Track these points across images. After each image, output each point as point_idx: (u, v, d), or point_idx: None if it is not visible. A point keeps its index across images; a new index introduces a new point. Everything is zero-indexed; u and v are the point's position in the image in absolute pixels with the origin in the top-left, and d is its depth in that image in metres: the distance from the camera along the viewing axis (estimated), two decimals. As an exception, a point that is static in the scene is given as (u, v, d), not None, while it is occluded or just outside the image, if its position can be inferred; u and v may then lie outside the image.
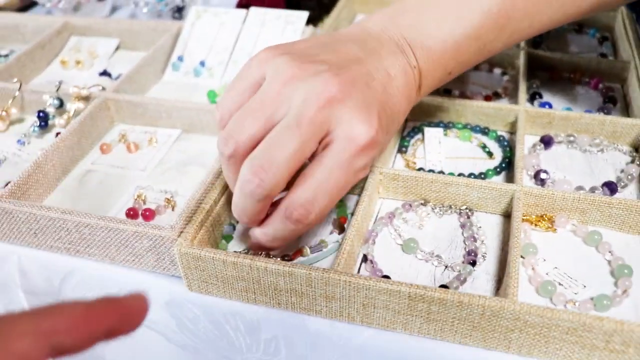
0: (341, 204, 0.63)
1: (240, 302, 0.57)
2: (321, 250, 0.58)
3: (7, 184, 0.65)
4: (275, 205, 0.52)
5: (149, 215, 0.64)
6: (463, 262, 0.57)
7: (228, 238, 0.61)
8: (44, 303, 0.65)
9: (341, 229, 0.61)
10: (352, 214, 0.59)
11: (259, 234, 0.53)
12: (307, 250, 0.59)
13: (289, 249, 0.59)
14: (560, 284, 0.55)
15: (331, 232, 0.61)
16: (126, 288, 0.61)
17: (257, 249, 0.56)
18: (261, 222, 0.53)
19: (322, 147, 0.50)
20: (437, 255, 0.58)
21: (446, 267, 0.57)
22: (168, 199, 0.65)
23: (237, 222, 0.63)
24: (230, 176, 0.54)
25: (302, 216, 0.49)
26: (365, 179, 0.63)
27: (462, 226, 0.61)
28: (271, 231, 0.52)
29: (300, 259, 0.58)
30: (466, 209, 0.62)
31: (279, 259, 0.56)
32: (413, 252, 0.59)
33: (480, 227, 0.61)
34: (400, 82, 0.55)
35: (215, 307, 0.58)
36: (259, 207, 0.51)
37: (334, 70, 0.50)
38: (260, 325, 0.57)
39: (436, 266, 0.58)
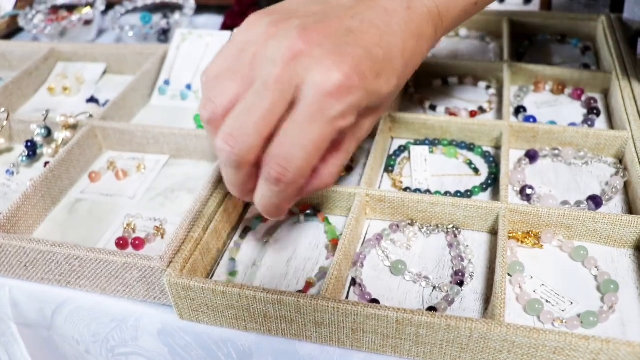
0: (330, 227, 0.64)
1: (231, 330, 0.57)
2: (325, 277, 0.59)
3: (-4, 217, 0.66)
4: None
5: (138, 244, 0.64)
6: (451, 283, 0.58)
7: (234, 274, 0.61)
8: (37, 335, 0.66)
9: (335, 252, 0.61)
10: (340, 237, 0.60)
11: (255, 203, 0.52)
12: (314, 279, 0.59)
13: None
14: (547, 301, 0.56)
15: (327, 258, 0.62)
16: (118, 318, 0.62)
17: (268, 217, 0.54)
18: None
19: (295, 103, 0.47)
20: (425, 277, 0.59)
21: (434, 288, 0.58)
22: (157, 227, 0.66)
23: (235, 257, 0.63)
24: (213, 143, 0.53)
25: (279, 174, 0.47)
26: (352, 201, 0.63)
27: (450, 245, 0.62)
28: (259, 198, 0.51)
29: (312, 290, 0.59)
30: (453, 227, 0.63)
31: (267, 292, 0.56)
32: (401, 273, 0.59)
33: (467, 245, 0.61)
34: (402, 17, 0.51)
35: (206, 335, 0.58)
36: (240, 176, 0.50)
37: (308, 23, 0.48)
38: (252, 351, 0.58)
39: (424, 287, 0.58)
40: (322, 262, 0.62)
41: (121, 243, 0.64)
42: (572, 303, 0.56)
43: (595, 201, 0.64)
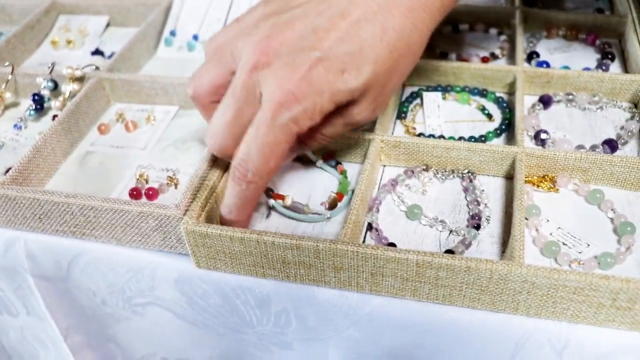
0: (345, 180, 0.63)
1: (249, 277, 0.57)
2: (299, 211, 0.60)
3: (7, 170, 0.65)
4: None
5: (152, 194, 0.64)
6: (467, 226, 0.58)
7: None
8: (54, 287, 0.66)
9: (332, 206, 0.61)
10: (356, 184, 0.59)
11: (222, 206, 0.56)
12: (289, 199, 0.60)
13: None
14: (564, 243, 0.56)
15: (322, 203, 0.61)
16: (134, 268, 0.62)
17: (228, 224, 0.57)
18: None
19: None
20: (441, 221, 0.58)
21: (451, 231, 0.58)
22: (170, 177, 0.65)
23: None
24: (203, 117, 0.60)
25: (241, 174, 0.52)
26: (367, 147, 0.63)
27: (465, 190, 0.61)
28: (226, 198, 0.55)
29: (278, 201, 0.61)
30: (468, 172, 0.62)
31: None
32: (417, 218, 0.59)
33: (483, 190, 0.61)
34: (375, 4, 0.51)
35: (224, 283, 0.59)
36: None
37: (277, 27, 0.52)
38: (270, 298, 0.58)
39: (441, 231, 0.58)
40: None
41: (134, 194, 0.64)
42: (588, 245, 0.56)
43: (611, 145, 0.63)
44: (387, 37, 0.50)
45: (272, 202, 0.61)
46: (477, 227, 0.57)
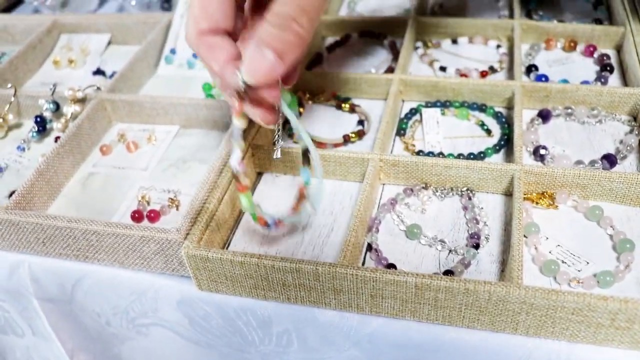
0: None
1: (250, 299, 0.58)
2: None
3: (11, 194, 0.66)
4: None
5: (154, 216, 0.64)
6: (467, 245, 0.58)
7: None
8: (58, 309, 0.67)
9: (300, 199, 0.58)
10: (355, 204, 0.60)
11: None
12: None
13: None
14: (563, 261, 0.56)
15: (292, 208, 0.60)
16: (137, 290, 0.62)
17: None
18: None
19: None
20: (441, 240, 0.59)
21: (450, 251, 0.58)
22: (172, 199, 0.66)
23: None
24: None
25: (299, 27, 0.47)
26: (366, 166, 0.63)
27: (464, 208, 0.62)
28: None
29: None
30: (467, 190, 0.63)
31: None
32: (417, 237, 0.59)
33: (482, 208, 0.61)
34: None
35: (225, 304, 0.59)
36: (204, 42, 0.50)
37: None
38: (271, 319, 0.58)
39: (440, 250, 0.58)
40: (337, 228, 0.62)
41: (136, 216, 0.64)
42: (588, 263, 0.56)
43: (610, 160, 0.63)
44: None
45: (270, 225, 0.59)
46: (476, 247, 0.57)
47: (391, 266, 0.56)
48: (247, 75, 0.48)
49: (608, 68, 0.75)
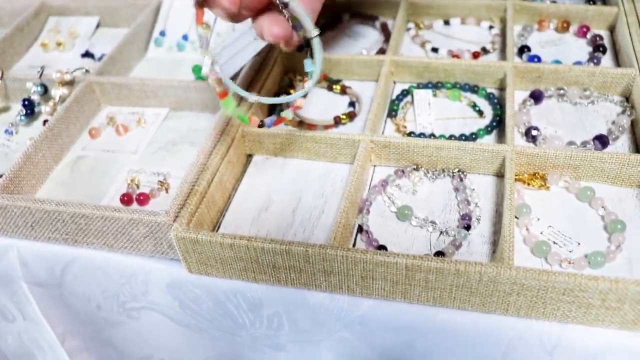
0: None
1: (240, 281, 0.57)
2: None
3: (-1, 178, 0.65)
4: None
5: (143, 199, 0.64)
6: (458, 227, 0.58)
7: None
8: (48, 293, 0.66)
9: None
10: (346, 185, 0.59)
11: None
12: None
13: None
14: (554, 242, 0.56)
15: None
16: (127, 274, 0.62)
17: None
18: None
19: None
20: (432, 221, 0.58)
21: (441, 232, 0.58)
22: (161, 182, 0.65)
23: None
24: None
25: None
26: (356, 148, 0.63)
27: (456, 190, 0.61)
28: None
29: None
30: (459, 171, 0.62)
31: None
32: (407, 219, 0.59)
33: (473, 189, 0.61)
34: None
35: (216, 287, 0.59)
36: None
37: None
38: (262, 302, 0.58)
39: (431, 232, 0.58)
40: (327, 210, 0.61)
41: (125, 199, 0.64)
42: (579, 244, 0.56)
43: (602, 141, 0.63)
44: None
45: None
46: (468, 228, 0.57)
47: (382, 247, 0.56)
48: None
49: (601, 49, 0.75)
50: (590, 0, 0.85)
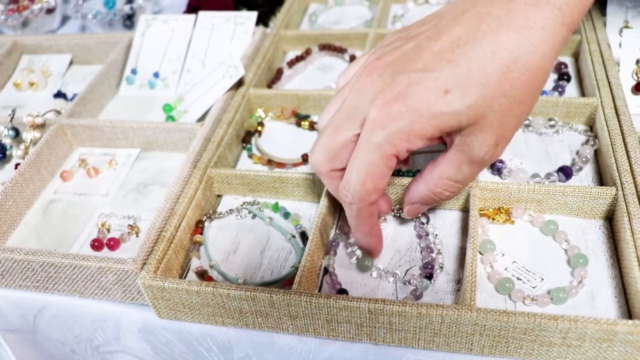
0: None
1: (210, 325, 0.58)
2: None
3: (-31, 226, 0.65)
4: None
5: (113, 245, 0.64)
6: (420, 275, 0.57)
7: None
8: (22, 339, 0.66)
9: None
10: (311, 227, 0.60)
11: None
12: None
13: None
14: (519, 278, 0.56)
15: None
16: (99, 319, 0.62)
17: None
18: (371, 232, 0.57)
19: None
20: (393, 273, 0.58)
21: (404, 283, 0.57)
22: (131, 226, 0.66)
23: None
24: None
25: (344, 196, 0.53)
26: (323, 186, 0.63)
27: (419, 237, 0.61)
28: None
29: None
30: (422, 213, 0.62)
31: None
32: (369, 270, 0.59)
33: (436, 235, 0.61)
34: (496, 16, 0.45)
35: (186, 331, 0.59)
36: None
37: (377, 64, 0.50)
38: (232, 345, 0.59)
39: (392, 283, 0.58)
40: (294, 253, 0.62)
41: (96, 245, 0.64)
42: (542, 279, 0.56)
43: (566, 172, 0.64)
44: (498, 57, 0.45)
45: None
46: (430, 277, 0.57)
47: (343, 291, 0.56)
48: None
49: (565, 77, 0.76)
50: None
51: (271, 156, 0.71)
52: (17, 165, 0.75)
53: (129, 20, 1.00)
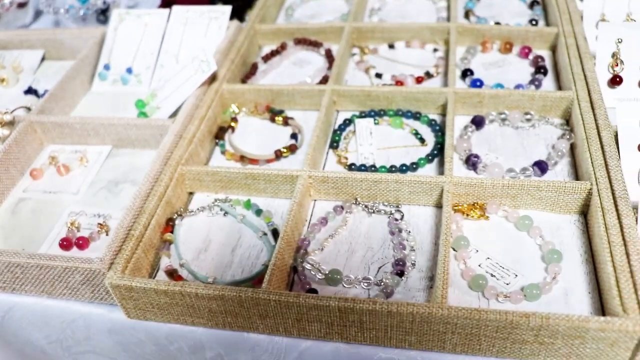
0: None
1: (180, 325, 0.57)
2: None
3: None
4: None
5: (82, 244, 0.63)
6: (392, 272, 0.57)
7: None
8: (-11, 342, 0.65)
9: None
10: (283, 224, 0.59)
11: None
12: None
13: None
14: (492, 275, 0.56)
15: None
16: (67, 320, 0.61)
17: None
18: None
19: None
20: (364, 278, 0.56)
21: (377, 284, 0.56)
22: (101, 225, 0.64)
23: None
24: None
25: None
26: (294, 183, 0.62)
27: (392, 233, 0.60)
28: None
29: None
30: (396, 210, 0.62)
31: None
32: (339, 283, 0.57)
33: (409, 232, 0.60)
34: None
35: (156, 331, 0.58)
36: None
37: None
38: (202, 344, 0.58)
39: (365, 289, 0.56)
40: (266, 251, 0.61)
41: (65, 244, 0.63)
42: (516, 276, 0.55)
43: (541, 167, 0.63)
44: None
45: None
46: (401, 274, 0.56)
47: (312, 291, 0.55)
48: None
49: (542, 70, 0.75)
50: (532, 20, 0.85)
51: (244, 152, 0.70)
52: (-15, 163, 0.73)
53: (103, 15, 0.98)
